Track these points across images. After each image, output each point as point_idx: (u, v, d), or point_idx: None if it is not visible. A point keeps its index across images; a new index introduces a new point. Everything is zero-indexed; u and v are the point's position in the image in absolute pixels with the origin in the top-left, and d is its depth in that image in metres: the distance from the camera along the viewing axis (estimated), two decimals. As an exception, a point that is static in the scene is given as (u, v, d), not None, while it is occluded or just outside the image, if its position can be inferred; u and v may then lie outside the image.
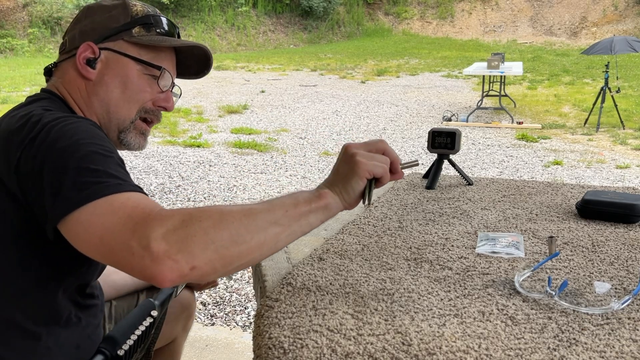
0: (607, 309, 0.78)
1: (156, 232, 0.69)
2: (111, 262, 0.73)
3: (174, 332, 1.41)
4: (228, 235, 0.71)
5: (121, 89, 1.03)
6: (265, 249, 0.75)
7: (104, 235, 0.72)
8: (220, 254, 0.70)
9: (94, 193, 0.75)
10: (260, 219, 0.74)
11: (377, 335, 0.72)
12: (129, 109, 1.05)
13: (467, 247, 1.05)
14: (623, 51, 8.14)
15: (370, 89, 11.82)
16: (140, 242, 0.69)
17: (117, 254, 0.71)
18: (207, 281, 0.73)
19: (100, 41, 1.03)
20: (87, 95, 1.03)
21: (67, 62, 1.05)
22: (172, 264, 0.68)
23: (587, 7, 23.03)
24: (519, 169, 5.61)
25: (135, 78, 1.04)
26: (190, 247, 0.69)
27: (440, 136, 1.52)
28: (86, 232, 0.74)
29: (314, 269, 0.94)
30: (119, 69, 1.03)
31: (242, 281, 2.98)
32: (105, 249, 0.72)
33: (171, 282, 0.68)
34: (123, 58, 1.03)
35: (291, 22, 23.95)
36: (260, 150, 6.35)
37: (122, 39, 1.03)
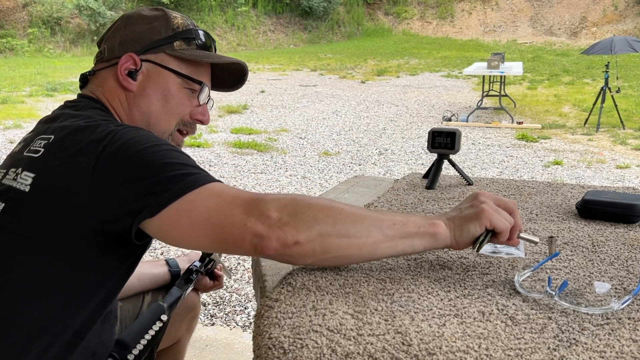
0: (607, 309, 0.78)
1: (269, 205, 0.75)
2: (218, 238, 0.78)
3: (178, 333, 1.41)
4: (333, 223, 0.76)
5: (162, 102, 1.04)
6: (365, 251, 0.79)
7: (211, 215, 0.77)
8: (323, 237, 0.75)
9: (191, 183, 0.80)
10: (367, 221, 0.78)
11: (377, 335, 0.72)
12: (169, 121, 1.06)
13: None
14: (623, 51, 8.15)
15: (370, 89, 11.82)
16: (254, 211, 0.75)
17: (227, 229, 0.76)
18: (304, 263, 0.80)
19: (142, 53, 1.03)
20: (128, 106, 1.03)
21: (106, 71, 1.04)
22: (280, 234, 0.74)
23: (587, 7, 23.04)
24: (519, 169, 5.61)
25: (175, 91, 1.05)
26: (298, 223, 0.74)
27: (440, 136, 1.52)
28: (191, 216, 0.78)
29: (314, 269, 0.94)
30: (160, 82, 1.03)
31: (242, 281, 2.98)
32: (213, 228, 0.77)
33: (275, 250, 0.74)
34: (164, 71, 1.03)
35: (291, 22, 23.96)
36: (260, 150, 6.36)
37: (164, 52, 1.04)
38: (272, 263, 1.02)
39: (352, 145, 6.71)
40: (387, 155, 6.19)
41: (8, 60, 15.94)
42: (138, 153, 0.83)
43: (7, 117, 7.79)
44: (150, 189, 0.80)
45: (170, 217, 0.79)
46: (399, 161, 5.92)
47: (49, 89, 10.47)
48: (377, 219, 0.79)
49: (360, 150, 6.42)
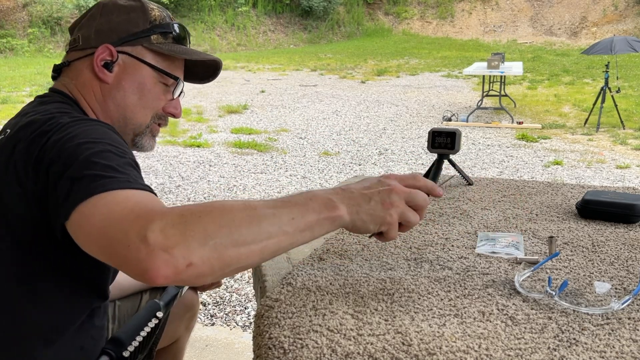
0: (607, 309, 0.78)
1: (154, 225, 0.66)
2: (108, 255, 0.70)
3: (177, 332, 1.41)
4: (228, 235, 0.67)
5: (138, 95, 1.03)
6: (266, 253, 0.72)
7: (105, 225, 0.70)
8: (218, 252, 0.67)
9: (101, 186, 0.74)
10: (265, 222, 0.70)
11: (377, 335, 0.72)
12: (145, 114, 1.05)
13: (467, 247, 1.05)
14: (623, 51, 8.15)
15: (370, 89, 11.82)
16: (138, 233, 0.66)
17: (114, 247, 0.68)
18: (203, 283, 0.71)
19: (119, 44, 1.01)
20: (103, 98, 1.02)
21: (81, 62, 1.02)
22: (168, 258, 0.64)
23: (587, 7, 23.04)
24: (519, 169, 5.61)
25: (151, 85, 1.04)
26: (188, 242, 0.65)
27: (440, 136, 1.52)
28: (88, 223, 0.72)
29: (314, 269, 0.94)
30: (136, 75, 1.03)
31: (242, 281, 2.98)
32: (103, 242, 0.70)
33: (165, 278, 0.64)
34: (140, 64, 1.03)
35: (291, 22, 23.96)
36: (260, 150, 6.35)
37: (142, 44, 1.03)
38: (272, 263, 1.02)
39: (352, 145, 6.71)
40: (387, 155, 6.19)
41: (8, 60, 15.94)
42: (71, 147, 0.80)
43: (7, 117, 7.79)
44: (67, 187, 0.76)
45: (76, 221, 0.74)
46: (399, 161, 5.92)
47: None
48: (274, 217, 0.71)
49: (360, 150, 6.42)
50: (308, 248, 1.08)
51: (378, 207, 0.76)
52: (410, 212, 0.78)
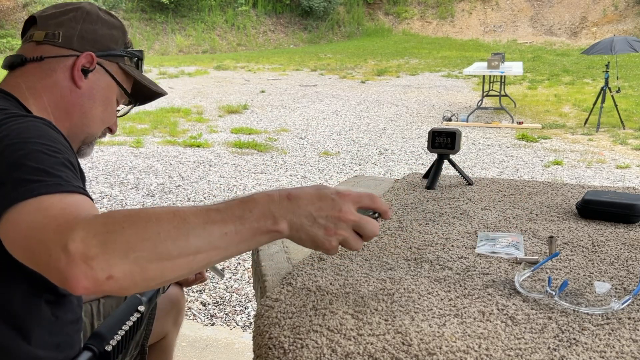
0: (607, 309, 0.78)
1: (76, 234, 0.64)
2: (32, 263, 0.69)
3: (165, 328, 1.42)
4: (152, 248, 0.64)
5: (102, 109, 1.08)
6: (195, 267, 0.68)
7: (28, 234, 0.69)
8: (141, 266, 0.64)
9: (28, 191, 0.72)
10: (193, 236, 0.66)
11: (377, 335, 0.72)
12: (100, 127, 1.11)
13: (467, 247, 1.05)
14: (623, 51, 8.15)
15: (370, 89, 11.82)
16: (59, 242, 0.64)
17: (37, 254, 0.67)
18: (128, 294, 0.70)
19: (99, 56, 1.05)
20: (69, 102, 1.02)
21: (57, 61, 1.01)
22: (87, 270, 0.62)
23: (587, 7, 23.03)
24: (519, 169, 5.61)
25: (113, 103, 1.11)
26: (108, 254, 0.63)
27: (440, 136, 1.52)
28: (15, 231, 0.70)
29: (314, 269, 0.94)
30: (106, 90, 1.07)
31: (242, 281, 2.98)
32: (27, 249, 0.69)
33: (85, 289, 0.63)
34: (112, 81, 1.08)
35: (291, 22, 23.96)
36: (260, 150, 6.36)
37: (117, 63, 1.09)
38: (272, 263, 1.02)
39: (352, 145, 6.71)
40: (387, 155, 6.19)
41: (8, 60, 15.94)
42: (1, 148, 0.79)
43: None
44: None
45: (3, 227, 0.72)
46: (399, 161, 5.92)
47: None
48: (204, 231, 0.67)
49: (360, 150, 6.42)
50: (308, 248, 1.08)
51: (320, 232, 0.72)
52: (354, 239, 0.74)
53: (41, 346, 0.94)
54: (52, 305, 0.97)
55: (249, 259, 3.21)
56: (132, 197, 4.49)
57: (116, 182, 4.94)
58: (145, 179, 5.06)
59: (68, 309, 1.01)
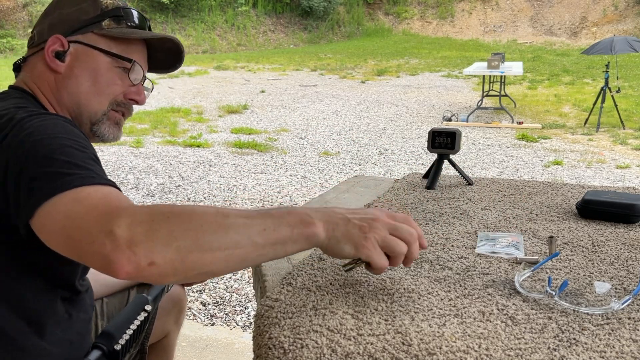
0: (607, 309, 0.78)
1: (120, 221, 0.66)
2: (73, 251, 0.70)
3: (166, 327, 1.42)
4: (194, 239, 0.67)
5: (91, 82, 1.03)
6: (232, 263, 0.70)
7: (66, 223, 0.70)
8: (182, 255, 0.66)
9: (64, 184, 0.74)
10: (233, 230, 0.69)
11: (377, 335, 0.72)
12: (100, 102, 1.04)
13: (467, 247, 1.05)
14: (623, 51, 8.15)
15: (370, 89, 11.82)
16: (103, 228, 0.66)
17: (79, 242, 0.69)
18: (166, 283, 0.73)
19: (70, 34, 1.02)
20: (57, 89, 1.02)
21: (36, 57, 1.03)
22: (131, 255, 0.64)
23: (587, 7, 23.03)
24: (519, 169, 5.61)
25: (105, 71, 1.03)
26: (152, 242, 0.65)
27: (440, 136, 1.52)
28: (52, 222, 0.72)
29: (314, 269, 0.94)
30: (89, 62, 1.02)
31: (242, 281, 2.98)
32: (67, 238, 0.70)
33: (127, 274, 0.65)
34: (92, 51, 1.02)
35: (291, 22, 23.96)
36: (260, 150, 6.36)
37: (92, 31, 1.03)
38: (272, 263, 1.02)
39: (352, 145, 6.71)
40: (387, 155, 6.19)
41: (8, 60, 15.94)
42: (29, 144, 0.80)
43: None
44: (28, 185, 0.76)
45: (39, 220, 0.74)
46: (399, 161, 5.92)
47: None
48: (244, 226, 0.70)
49: (360, 150, 6.42)
50: (308, 248, 1.08)
51: (355, 230, 0.75)
52: (394, 240, 0.75)
53: (54, 343, 0.94)
54: (67, 302, 0.98)
55: (249, 259, 3.20)
56: (132, 197, 4.49)
57: (116, 182, 4.94)
58: (145, 179, 5.06)
59: (81, 307, 1.02)
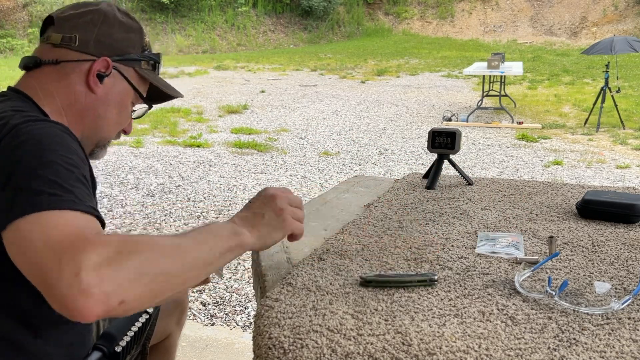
0: (607, 309, 0.78)
1: (90, 261, 0.65)
2: (36, 280, 0.68)
3: (168, 328, 1.42)
4: (159, 270, 0.70)
5: (117, 112, 1.07)
6: (189, 283, 0.76)
7: (37, 249, 0.69)
8: (149, 288, 0.69)
9: (43, 203, 0.72)
10: (189, 255, 0.74)
11: (377, 335, 0.72)
12: (115, 130, 1.10)
13: (467, 247, 1.05)
14: (623, 51, 8.14)
15: (370, 89, 11.81)
16: (72, 266, 0.65)
17: (45, 274, 0.67)
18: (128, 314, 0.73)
19: (116, 61, 1.04)
20: (83, 106, 1.02)
21: (73, 65, 1.00)
22: (101, 297, 0.64)
23: (587, 7, 23.03)
24: (519, 169, 5.61)
25: (128, 105, 1.09)
26: (121, 281, 0.66)
27: (440, 136, 1.52)
28: (23, 241, 0.71)
29: (314, 269, 0.94)
30: (121, 94, 1.06)
31: (242, 281, 2.98)
32: (34, 265, 0.69)
33: (96, 316, 0.64)
34: (127, 85, 1.06)
35: (291, 22, 23.95)
36: (260, 150, 6.35)
37: (134, 68, 1.07)
38: (272, 263, 1.02)
39: (352, 145, 6.71)
40: (387, 155, 6.19)
41: (8, 60, 15.93)
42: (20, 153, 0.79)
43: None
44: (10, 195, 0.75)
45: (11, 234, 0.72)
46: (399, 161, 5.92)
47: (49, 89, 10.45)
48: (195, 249, 0.76)
49: (360, 150, 6.41)
50: (308, 248, 1.08)
51: (272, 217, 0.85)
52: (296, 209, 0.88)
53: (52, 343, 0.94)
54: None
55: (249, 259, 3.20)
56: (132, 197, 4.49)
57: (116, 182, 4.94)
58: (145, 179, 5.06)
59: None
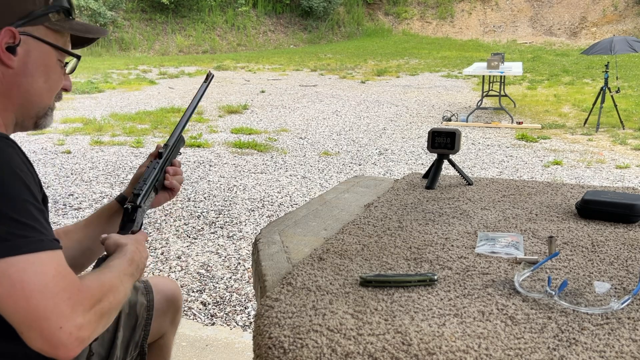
0: (607, 308, 0.78)
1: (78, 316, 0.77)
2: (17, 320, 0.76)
3: (162, 328, 1.41)
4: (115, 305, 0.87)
5: (44, 78, 0.98)
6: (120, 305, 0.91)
7: (34, 294, 0.75)
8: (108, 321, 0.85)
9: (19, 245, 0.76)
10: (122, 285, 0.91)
11: (377, 335, 0.72)
12: (50, 97, 1.02)
13: (467, 247, 1.05)
14: (623, 51, 8.14)
15: (370, 89, 11.81)
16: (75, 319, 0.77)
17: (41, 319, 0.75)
18: None
19: (19, 25, 0.93)
20: (7, 86, 0.95)
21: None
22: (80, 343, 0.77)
23: (587, 7, 23.03)
24: (518, 169, 5.61)
25: (54, 66, 1.00)
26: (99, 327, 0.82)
27: (440, 136, 1.52)
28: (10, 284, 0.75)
29: (314, 269, 0.95)
30: (42, 58, 0.97)
31: (242, 281, 2.98)
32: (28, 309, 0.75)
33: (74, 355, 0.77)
34: (44, 45, 0.97)
35: (291, 22, 23.95)
36: (260, 150, 6.35)
37: (43, 24, 0.96)
38: (272, 263, 1.02)
39: (352, 145, 6.71)
40: (387, 155, 6.19)
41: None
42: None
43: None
44: None
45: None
46: (399, 161, 5.92)
47: (49, 89, 10.45)
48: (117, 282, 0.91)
49: (360, 150, 6.42)
50: (308, 248, 1.08)
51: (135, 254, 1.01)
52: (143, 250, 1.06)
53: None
54: None
55: (249, 259, 3.21)
56: (132, 197, 4.49)
57: (116, 182, 4.94)
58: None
59: None
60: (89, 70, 13.33)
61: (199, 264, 3.19)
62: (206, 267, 3.15)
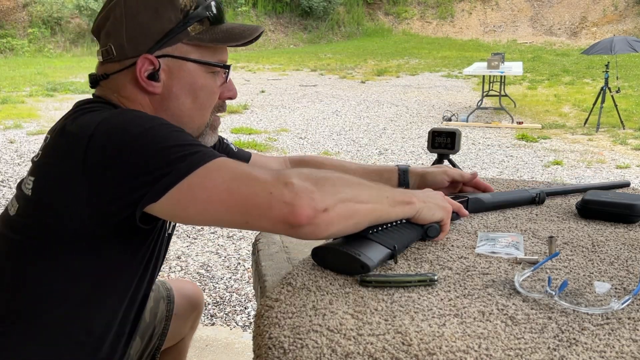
0: (607, 309, 0.78)
1: (291, 174, 0.77)
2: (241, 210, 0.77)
3: (182, 332, 1.40)
4: (350, 192, 0.81)
5: (192, 98, 0.95)
6: (371, 216, 0.85)
7: (230, 186, 0.76)
8: (345, 204, 0.79)
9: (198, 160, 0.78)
10: (371, 191, 0.86)
11: (377, 335, 0.72)
12: (203, 115, 0.98)
13: (467, 247, 1.05)
14: (623, 51, 8.14)
15: (370, 89, 11.81)
16: (278, 181, 0.76)
17: (253, 198, 0.76)
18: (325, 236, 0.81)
19: (157, 48, 0.91)
20: (155, 110, 0.94)
21: (122, 75, 0.92)
22: (310, 200, 0.75)
23: (587, 7, 23.04)
24: (519, 169, 5.61)
25: (202, 82, 0.95)
26: (323, 190, 0.77)
27: (440, 136, 1.52)
28: (206, 191, 0.76)
29: (314, 269, 0.94)
30: (185, 77, 0.93)
31: (242, 281, 2.98)
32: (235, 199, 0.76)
33: (307, 218, 0.74)
34: (186, 63, 0.93)
35: (291, 22, 23.95)
36: (260, 150, 6.36)
37: (181, 41, 0.92)
38: (272, 263, 1.02)
39: (352, 145, 6.71)
40: (387, 155, 6.19)
41: (8, 60, 15.94)
42: (128, 142, 0.78)
43: (7, 117, 7.79)
44: (147, 176, 0.76)
45: (181, 196, 0.76)
46: (398, 161, 5.92)
47: (49, 89, 10.47)
48: (377, 189, 0.88)
49: (360, 150, 6.41)
50: (308, 248, 1.08)
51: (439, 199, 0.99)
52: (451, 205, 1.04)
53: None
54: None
55: (249, 259, 3.21)
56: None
57: (116, 182, 4.94)
58: (145, 179, 5.06)
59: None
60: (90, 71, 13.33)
61: (199, 264, 3.19)
62: (206, 267, 3.15)
